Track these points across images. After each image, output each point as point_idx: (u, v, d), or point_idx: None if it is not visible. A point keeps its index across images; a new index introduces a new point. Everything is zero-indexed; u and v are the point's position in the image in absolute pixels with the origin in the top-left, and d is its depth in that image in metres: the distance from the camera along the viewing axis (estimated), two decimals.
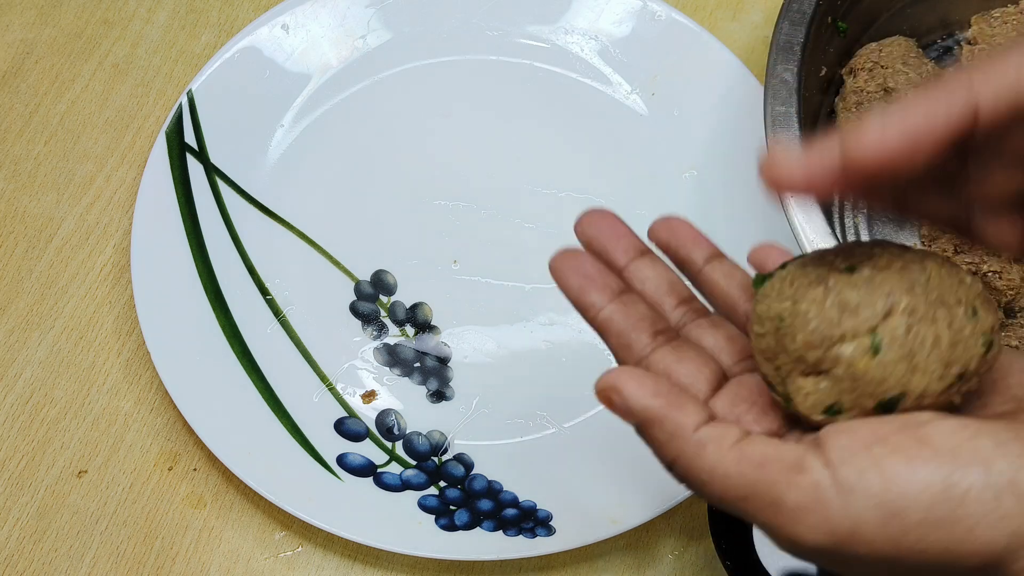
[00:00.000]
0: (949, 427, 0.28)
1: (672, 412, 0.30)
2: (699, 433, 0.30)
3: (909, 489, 0.27)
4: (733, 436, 0.30)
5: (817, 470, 0.28)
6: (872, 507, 0.28)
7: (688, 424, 0.30)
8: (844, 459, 0.28)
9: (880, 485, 0.28)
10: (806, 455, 0.29)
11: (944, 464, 0.28)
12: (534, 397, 0.56)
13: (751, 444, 0.29)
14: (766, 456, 0.29)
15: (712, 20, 0.66)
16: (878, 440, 0.28)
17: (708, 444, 0.29)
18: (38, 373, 0.57)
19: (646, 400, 0.30)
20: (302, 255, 0.59)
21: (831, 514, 0.28)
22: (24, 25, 0.65)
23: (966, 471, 0.27)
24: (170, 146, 0.59)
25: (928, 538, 0.27)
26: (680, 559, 0.54)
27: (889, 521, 0.27)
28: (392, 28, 0.64)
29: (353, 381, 0.56)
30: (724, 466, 0.29)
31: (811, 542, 0.28)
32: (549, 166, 0.62)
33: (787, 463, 0.28)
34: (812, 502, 0.28)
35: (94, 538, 0.53)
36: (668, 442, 0.30)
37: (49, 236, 0.60)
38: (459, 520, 0.52)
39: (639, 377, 0.31)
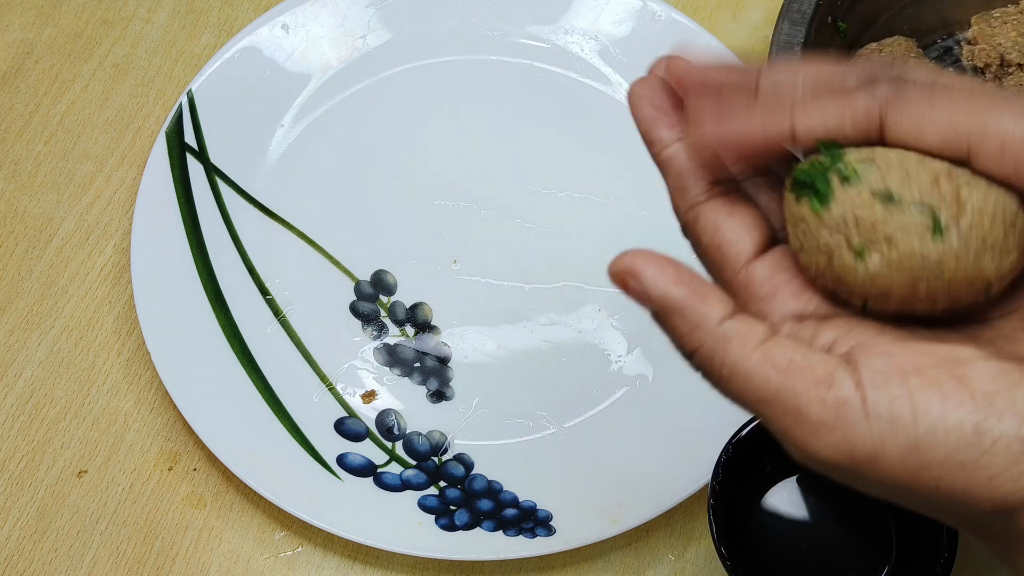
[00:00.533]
0: (991, 370, 0.28)
1: (695, 302, 0.29)
2: (724, 326, 0.28)
3: (939, 427, 0.27)
4: (759, 334, 0.28)
5: (847, 388, 0.27)
6: (897, 437, 0.27)
7: (712, 316, 0.29)
8: (877, 383, 0.27)
9: (910, 417, 0.27)
10: (837, 370, 0.28)
11: (979, 408, 0.27)
12: (534, 397, 0.56)
13: (778, 346, 0.28)
14: (793, 363, 0.28)
15: (712, 20, 0.66)
16: (916, 370, 0.28)
17: (732, 339, 0.28)
18: (38, 373, 0.57)
19: (667, 287, 0.29)
20: (302, 255, 0.59)
21: (854, 435, 0.27)
22: (24, 25, 0.65)
23: (1000, 419, 0.27)
24: (170, 146, 0.59)
25: (946, 477, 0.27)
26: (680, 559, 0.54)
27: (911, 454, 0.27)
28: (392, 28, 0.64)
29: (353, 381, 0.56)
30: (747, 365, 0.28)
31: (827, 458, 0.28)
32: (549, 166, 0.62)
33: (816, 375, 0.28)
34: (836, 419, 0.27)
35: (94, 538, 0.53)
36: (690, 333, 0.29)
37: (49, 236, 0.60)
38: (459, 520, 0.52)
39: (659, 262, 0.29)
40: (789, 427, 0.28)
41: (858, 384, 0.27)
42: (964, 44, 0.63)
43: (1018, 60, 0.60)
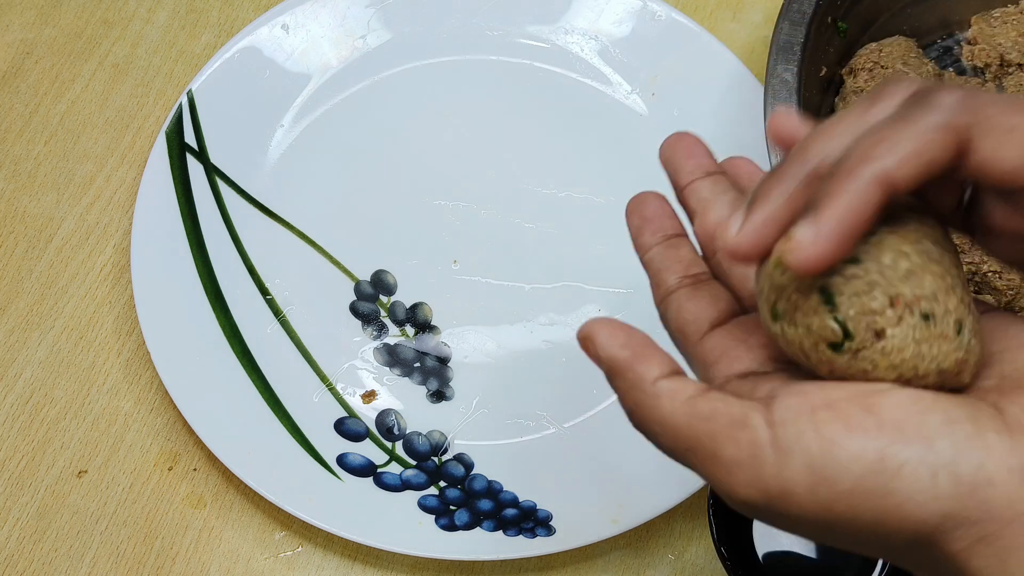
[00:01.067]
0: (902, 399, 0.28)
1: (636, 363, 0.30)
2: (657, 385, 0.30)
3: (842, 457, 0.27)
4: (690, 391, 0.30)
5: (759, 427, 0.28)
6: (803, 470, 0.28)
7: (648, 376, 0.30)
8: (787, 420, 0.28)
9: (816, 449, 0.27)
10: (752, 412, 0.29)
11: (884, 436, 0.27)
12: (534, 397, 0.56)
13: (705, 399, 0.30)
14: (714, 410, 0.29)
15: (712, 20, 0.66)
16: (826, 405, 0.28)
17: (663, 396, 0.30)
18: (38, 373, 0.57)
19: (614, 350, 0.31)
20: (302, 255, 0.59)
21: (764, 472, 0.28)
22: (24, 25, 0.65)
23: (905, 446, 0.27)
24: (170, 146, 0.59)
25: (857, 508, 0.27)
26: (680, 559, 0.54)
27: (819, 486, 0.27)
28: (392, 28, 0.64)
29: (353, 381, 0.56)
30: (675, 418, 0.29)
31: (745, 497, 0.28)
32: (549, 166, 0.62)
33: (732, 418, 0.29)
34: (748, 458, 0.28)
35: (94, 538, 0.53)
36: (628, 391, 0.31)
37: (49, 236, 0.60)
38: (459, 520, 0.52)
39: (612, 328, 0.31)
40: (709, 470, 0.29)
41: (770, 422, 0.28)
42: (964, 44, 0.63)
43: (1018, 60, 0.60)
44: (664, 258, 0.36)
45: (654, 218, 0.37)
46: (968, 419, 0.28)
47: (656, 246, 0.36)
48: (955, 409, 0.28)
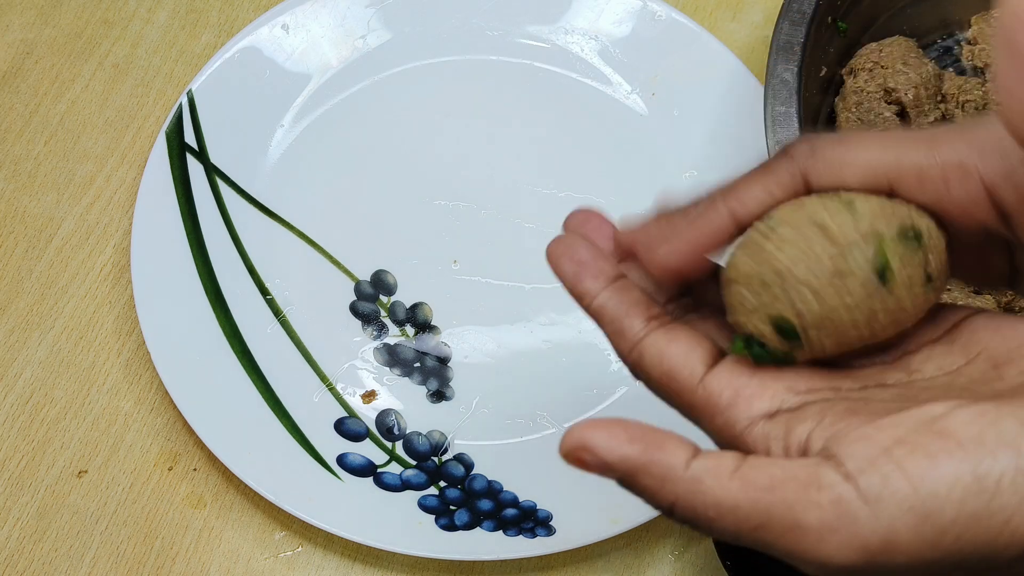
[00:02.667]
0: (968, 415, 0.27)
1: (655, 455, 0.28)
2: (691, 469, 0.28)
3: (939, 487, 0.26)
4: (730, 464, 0.28)
5: (837, 484, 0.26)
6: (903, 513, 0.26)
7: (677, 464, 0.28)
8: (863, 468, 0.26)
9: (908, 488, 0.26)
10: (820, 469, 0.27)
11: (971, 454, 0.26)
12: (534, 397, 0.56)
13: (753, 468, 0.27)
14: (774, 478, 0.27)
15: (712, 20, 0.66)
16: (897, 442, 0.27)
17: (705, 478, 0.27)
18: (38, 373, 0.57)
19: (622, 450, 0.28)
20: (302, 255, 0.59)
21: (860, 528, 0.26)
22: (24, 25, 0.65)
23: (995, 458, 0.26)
24: (170, 146, 0.59)
25: (966, 536, 0.26)
26: (680, 559, 0.54)
27: (923, 524, 0.26)
28: (392, 28, 0.64)
29: (353, 381, 0.56)
30: (731, 497, 0.27)
31: (842, 561, 0.26)
32: (549, 166, 0.62)
33: (801, 481, 0.27)
34: (837, 518, 0.26)
35: (94, 538, 0.53)
36: (661, 488, 0.28)
37: (49, 236, 0.60)
38: (459, 520, 0.52)
39: (607, 427, 0.29)
40: (793, 543, 0.27)
41: (847, 476, 0.27)
42: (964, 44, 0.63)
43: None
44: (619, 303, 0.33)
45: (590, 262, 0.34)
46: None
47: (604, 291, 0.33)
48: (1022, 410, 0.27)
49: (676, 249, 0.32)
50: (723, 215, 0.32)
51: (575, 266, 0.34)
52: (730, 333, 0.33)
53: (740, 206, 0.32)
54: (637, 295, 0.33)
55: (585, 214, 0.36)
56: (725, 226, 0.32)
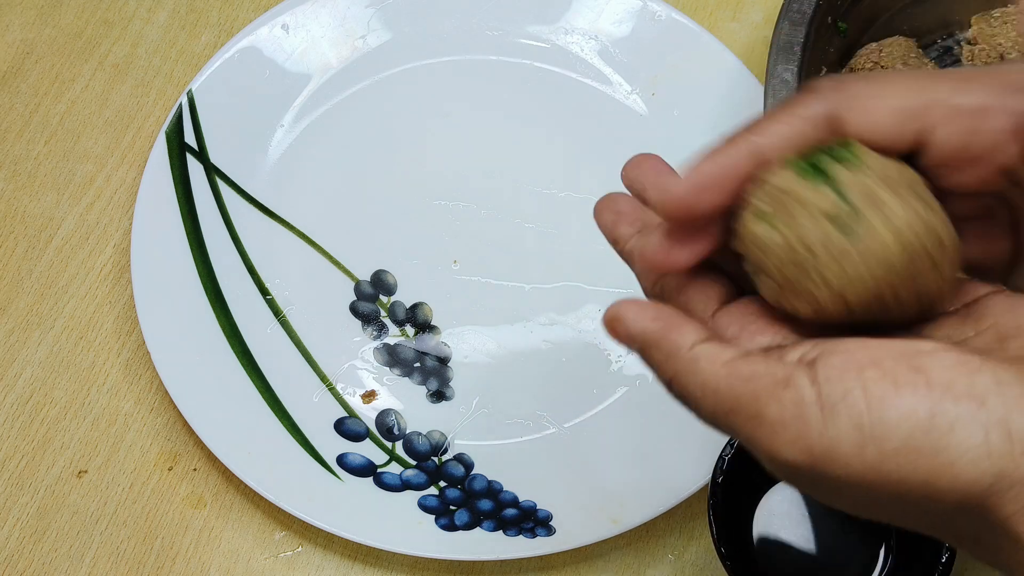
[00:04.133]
0: (950, 360, 0.27)
1: (669, 333, 0.30)
2: (694, 350, 0.30)
3: (891, 414, 0.27)
4: (728, 354, 0.29)
5: (803, 386, 0.28)
6: (850, 428, 0.27)
7: (683, 343, 0.30)
8: (831, 378, 0.27)
9: (863, 407, 0.27)
10: (796, 371, 0.28)
11: (934, 394, 0.27)
12: (534, 397, 0.56)
13: (745, 360, 0.29)
14: (755, 371, 0.29)
15: (712, 20, 0.66)
16: (872, 363, 0.28)
17: (701, 360, 0.29)
18: (38, 373, 0.57)
19: (644, 323, 0.31)
20: (302, 255, 0.59)
21: (809, 431, 0.27)
22: (24, 25, 0.65)
23: (956, 404, 0.27)
24: (170, 146, 0.59)
25: (905, 467, 0.27)
26: (680, 559, 0.54)
27: (866, 444, 0.27)
28: (392, 28, 0.64)
29: (353, 381, 0.56)
30: (715, 380, 0.29)
31: (788, 458, 0.28)
32: (549, 166, 0.62)
33: (776, 378, 0.28)
34: (792, 417, 0.27)
35: (94, 538, 0.53)
36: (665, 361, 0.30)
37: (49, 236, 0.60)
38: (459, 520, 0.52)
39: (640, 305, 0.31)
40: (752, 431, 0.28)
41: (814, 381, 0.28)
42: (964, 44, 0.63)
43: None
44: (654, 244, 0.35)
45: (629, 212, 0.36)
46: (1016, 382, 0.27)
47: (636, 235, 0.35)
48: (1004, 372, 0.27)
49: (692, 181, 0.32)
50: (742, 149, 0.31)
51: (613, 215, 0.36)
52: None
53: (762, 139, 0.31)
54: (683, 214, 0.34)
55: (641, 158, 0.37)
56: (745, 160, 0.31)
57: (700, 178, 0.31)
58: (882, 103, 0.31)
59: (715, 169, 0.31)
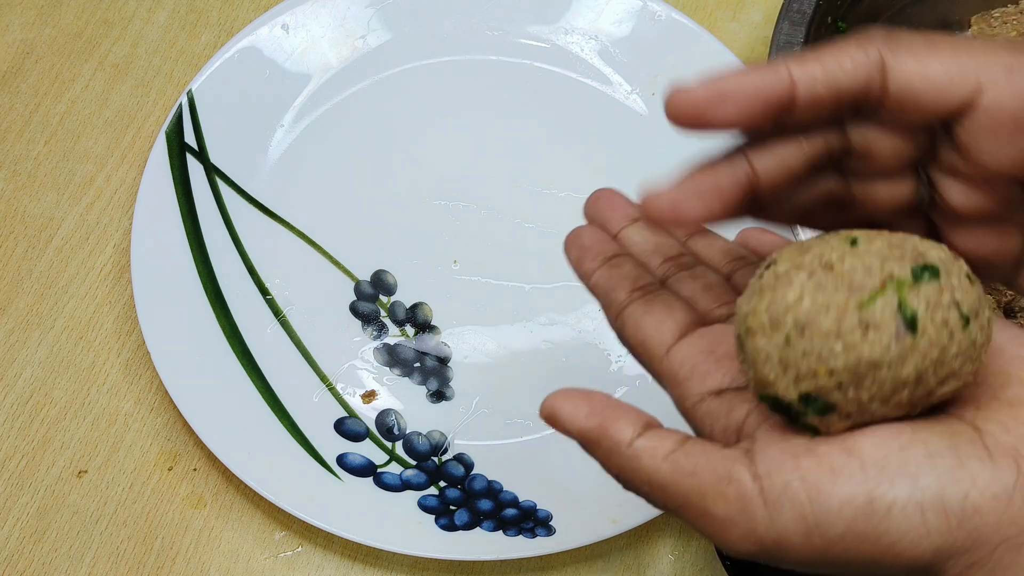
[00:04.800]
0: (880, 436, 0.28)
1: (606, 430, 0.31)
2: (633, 446, 0.30)
3: (831, 504, 0.27)
4: (668, 446, 0.30)
5: (745, 482, 0.28)
6: (795, 520, 0.28)
7: (623, 440, 0.30)
8: (771, 471, 0.28)
9: (804, 499, 0.28)
10: (735, 465, 0.29)
11: (869, 478, 0.27)
12: (534, 397, 0.55)
13: (685, 453, 0.30)
14: (697, 466, 0.29)
15: (712, 20, 0.66)
16: (807, 451, 0.28)
17: (642, 457, 0.30)
18: (38, 373, 0.57)
19: (580, 422, 0.31)
20: (302, 255, 0.59)
21: (756, 525, 0.28)
22: (24, 25, 0.65)
23: (891, 485, 0.27)
24: (170, 146, 0.59)
25: (852, 550, 0.28)
26: (680, 559, 0.54)
27: (812, 533, 0.28)
28: (392, 28, 0.64)
29: (353, 381, 0.56)
30: (659, 476, 0.30)
31: (740, 549, 0.29)
32: (549, 166, 0.62)
33: (717, 474, 0.29)
34: (738, 513, 0.28)
35: (94, 538, 0.53)
36: (608, 458, 0.31)
37: (49, 236, 0.60)
38: (459, 520, 0.52)
39: (575, 400, 0.31)
40: (704, 526, 0.29)
41: (755, 476, 0.28)
42: None
43: None
44: (609, 278, 0.36)
45: (592, 245, 0.37)
46: (949, 449, 0.28)
47: (598, 269, 0.36)
48: (935, 440, 0.28)
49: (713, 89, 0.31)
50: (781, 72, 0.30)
51: (579, 251, 0.37)
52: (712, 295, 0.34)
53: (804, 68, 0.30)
54: (628, 270, 0.36)
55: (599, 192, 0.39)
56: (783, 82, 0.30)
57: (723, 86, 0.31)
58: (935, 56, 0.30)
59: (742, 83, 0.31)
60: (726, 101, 0.30)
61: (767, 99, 0.30)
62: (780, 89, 0.30)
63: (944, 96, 0.30)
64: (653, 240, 0.38)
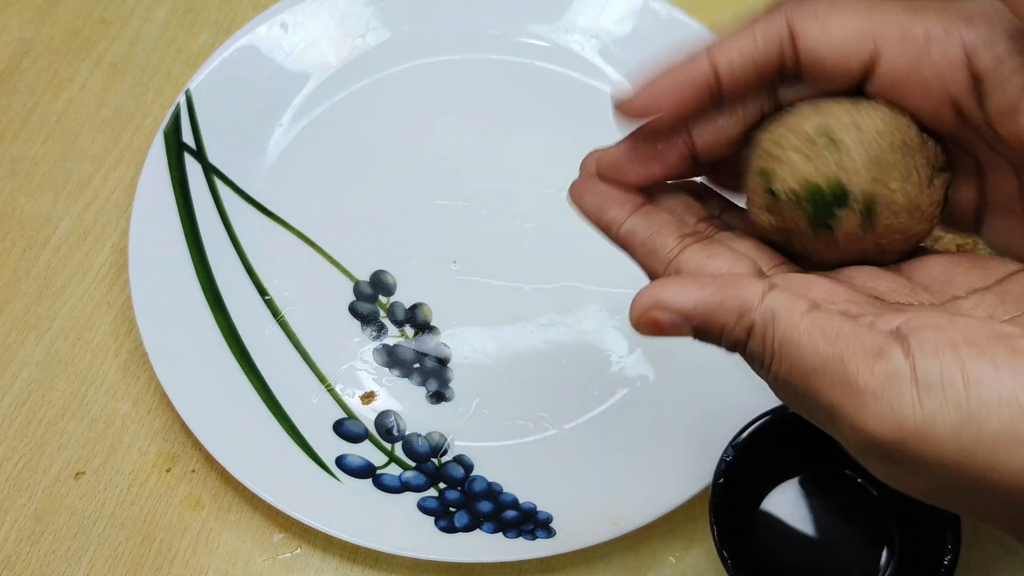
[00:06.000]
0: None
1: (731, 291, 0.28)
2: (767, 301, 0.28)
3: (992, 397, 0.25)
4: (803, 304, 0.28)
5: (897, 357, 0.26)
6: (949, 408, 0.25)
7: (753, 296, 0.28)
8: (927, 352, 0.26)
9: (962, 387, 0.25)
10: (887, 342, 0.26)
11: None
12: (534, 398, 0.56)
13: (825, 315, 0.27)
14: (842, 332, 0.27)
15: (713, 19, 0.66)
16: (967, 341, 0.26)
17: (779, 312, 0.28)
18: (35, 374, 0.56)
19: (695, 295, 0.28)
20: (301, 255, 0.58)
21: (903, 406, 0.26)
22: (22, 24, 0.65)
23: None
24: (168, 146, 0.59)
25: (1001, 454, 0.25)
26: (681, 561, 0.53)
27: (964, 425, 0.25)
28: (391, 27, 0.64)
29: (352, 382, 0.56)
30: (796, 335, 0.27)
31: (875, 432, 0.26)
32: (550, 166, 0.61)
33: (866, 345, 0.26)
34: (886, 389, 0.26)
35: (92, 540, 0.53)
36: (738, 321, 0.28)
37: (47, 236, 0.60)
38: (459, 522, 0.52)
39: (676, 280, 0.29)
40: (838, 398, 0.27)
41: (908, 354, 0.26)
42: None
43: None
44: (649, 223, 0.33)
45: (611, 193, 0.34)
46: None
47: (630, 217, 0.33)
48: None
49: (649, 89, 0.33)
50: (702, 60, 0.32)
51: (597, 198, 0.34)
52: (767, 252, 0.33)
53: (721, 52, 0.32)
54: (666, 217, 0.33)
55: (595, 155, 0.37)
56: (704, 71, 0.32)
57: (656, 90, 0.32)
58: (836, 22, 0.31)
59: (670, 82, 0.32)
60: (659, 105, 0.33)
61: (695, 90, 0.32)
62: (703, 78, 0.32)
63: (846, 61, 0.31)
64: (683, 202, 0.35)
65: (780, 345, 0.28)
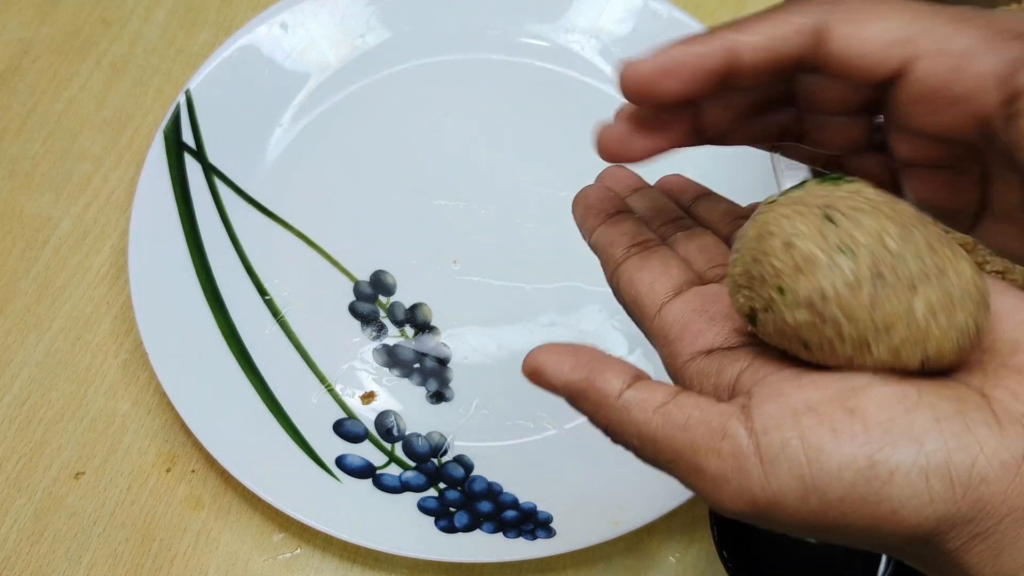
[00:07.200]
0: (887, 395, 0.27)
1: (594, 382, 0.30)
2: (623, 398, 0.29)
3: (831, 465, 0.26)
4: (659, 398, 0.29)
5: (740, 438, 0.27)
6: (792, 480, 0.26)
7: (611, 391, 0.29)
8: (768, 428, 0.27)
9: (803, 459, 0.26)
10: (731, 420, 0.28)
11: (872, 440, 0.26)
12: (534, 398, 0.56)
13: (677, 405, 0.29)
14: (690, 419, 0.28)
15: (713, 19, 0.66)
16: (807, 408, 0.27)
17: (632, 408, 0.29)
18: (35, 374, 0.56)
19: (567, 375, 0.30)
20: (301, 255, 0.58)
21: (751, 484, 0.27)
22: (22, 24, 0.65)
23: (895, 448, 0.26)
24: (168, 146, 0.59)
25: (850, 515, 0.26)
26: (681, 561, 0.53)
27: (809, 495, 0.26)
28: (391, 27, 0.63)
29: (352, 382, 0.56)
30: (651, 429, 0.29)
31: (734, 509, 0.28)
32: (550, 166, 0.61)
33: (711, 428, 0.28)
34: (732, 471, 0.27)
35: (91, 540, 0.53)
36: (596, 411, 0.30)
37: (46, 236, 0.60)
38: (459, 522, 0.52)
39: (559, 353, 0.30)
40: (694, 483, 0.28)
41: (751, 432, 0.27)
42: None
43: None
44: (608, 233, 0.36)
45: (596, 203, 0.37)
46: (956, 415, 0.27)
47: (600, 226, 0.36)
48: (941, 404, 0.27)
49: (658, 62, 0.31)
50: (718, 43, 0.30)
51: (583, 209, 0.37)
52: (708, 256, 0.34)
53: (741, 37, 0.30)
54: (628, 227, 0.36)
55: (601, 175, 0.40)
56: (718, 53, 0.30)
57: (667, 61, 0.31)
58: (875, 25, 0.30)
59: (684, 56, 0.31)
60: (670, 76, 0.31)
61: (710, 71, 0.31)
62: (722, 61, 0.31)
63: (879, 64, 0.30)
64: (655, 204, 0.38)
65: (639, 438, 0.29)
